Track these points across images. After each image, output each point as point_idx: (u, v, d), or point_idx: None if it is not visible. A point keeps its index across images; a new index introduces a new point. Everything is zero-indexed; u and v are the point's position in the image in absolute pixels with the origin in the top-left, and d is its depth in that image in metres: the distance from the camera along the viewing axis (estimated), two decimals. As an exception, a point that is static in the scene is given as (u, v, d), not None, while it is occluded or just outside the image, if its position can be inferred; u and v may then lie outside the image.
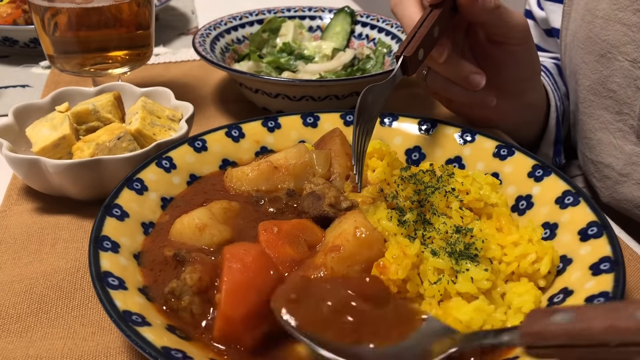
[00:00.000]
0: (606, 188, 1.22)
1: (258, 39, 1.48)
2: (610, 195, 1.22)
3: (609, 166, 1.19)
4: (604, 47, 1.12)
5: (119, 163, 0.93)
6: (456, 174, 0.91)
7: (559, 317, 0.53)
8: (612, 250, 0.74)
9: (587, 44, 1.16)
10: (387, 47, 1.44)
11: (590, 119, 1.21)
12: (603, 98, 1.16)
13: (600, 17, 1.11)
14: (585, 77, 1.19)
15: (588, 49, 1.16)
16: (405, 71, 0.92)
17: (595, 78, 1.16)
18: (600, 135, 1.19)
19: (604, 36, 1.11)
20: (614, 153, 1.17)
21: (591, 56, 1.15)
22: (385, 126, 1.06)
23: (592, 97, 1.18)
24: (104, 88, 1.15)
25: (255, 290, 0.66)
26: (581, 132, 1.26)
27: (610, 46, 1.10)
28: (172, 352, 0.62)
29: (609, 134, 1.17)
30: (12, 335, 0.77)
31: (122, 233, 0.80)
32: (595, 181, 1.25)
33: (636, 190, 1.16)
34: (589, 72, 1.17)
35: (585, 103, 1.21)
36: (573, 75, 1.25)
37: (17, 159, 0.94)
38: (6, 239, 0.93)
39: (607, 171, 1.20)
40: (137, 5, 1.21)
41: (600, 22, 1.11)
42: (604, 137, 1.18)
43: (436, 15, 0.95)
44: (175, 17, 1.98)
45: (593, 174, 1.25)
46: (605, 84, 1.14)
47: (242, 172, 0.94)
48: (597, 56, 1.14)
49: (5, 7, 1.63)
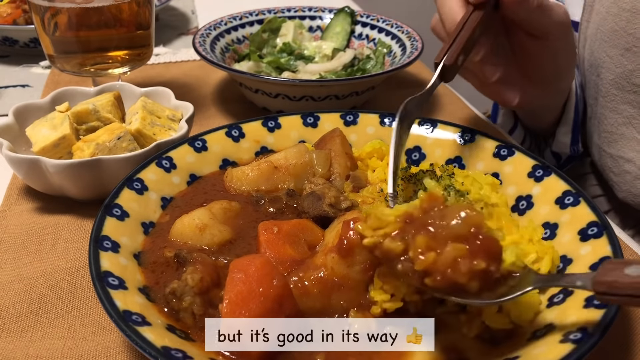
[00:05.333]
0: (624, 183, 1.21)
1: (258, 39, 1.48)
2: (628, 191, 1.21)
3: (630, 161, 1.18)
4: (630, 41, 1.10)
5: (119, 163, 0.93)
6: (456, 174, 0.91)
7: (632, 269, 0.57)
8: (612, 250, 0.74)
9: (612, 37, 1.14)
10: (387, 47, 1.44)
11: (612, 113, 1.20)
12: (627, 92, 1.15)
13: (627, 9, 1.10)
14: (609, 70, 1.17)
15: (613, 42, 1.14)
16: (443, 78, 0.89)
17: (620, 72, 1.15)
18: (624, 130, 1.18)
19: (630, 29, 1.10)
20: (637, 148, 1.16)
21: (616, 50, 1.14)
22: (386, 126, 1.06)
23: (616, 92, 1.17)
24: (104, 88, 1.15)
25: (258, 299, 0.66)
26: (601, 126, 1.24)
27: (636, 40, 1.09)
28: (172, 352, 0.62)
29: (632, 129, 1.16)
30: (12, 335, 0.77)
31: (122, 233, 0.80)
32: (613, 176, 1.24)
33: None
34: (613, 65, 1.16)
35: (608, 97, 1.19)
36: (594, 68, 1.23)
37: (17, 159, 0.94)
38: (6, 239, 0.93)
39: (628, 166, 1.19)
40: (137, 5, 1.21)
41: (627, 15, 1.10)
42: (627, 131, 1.18)
43: (478, 17, 0.90)
44: (175, 17, 1.98)
45: (611, 169, 1.24)
46: (629, 79, 1.13)
47: (242, 172, 0.94)
48: (622, 50, 1.13)
49: (5, 7, 1.63)
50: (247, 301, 0.65)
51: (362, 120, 1.07)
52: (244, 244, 0.83)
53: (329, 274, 0.72)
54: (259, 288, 0.66)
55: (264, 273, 0.68)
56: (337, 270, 0.72)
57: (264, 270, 0.68)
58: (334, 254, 0.73)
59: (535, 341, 0.67)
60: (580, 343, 0.62)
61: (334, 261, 0.73)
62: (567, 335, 0.64)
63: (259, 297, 0.66)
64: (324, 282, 0.72)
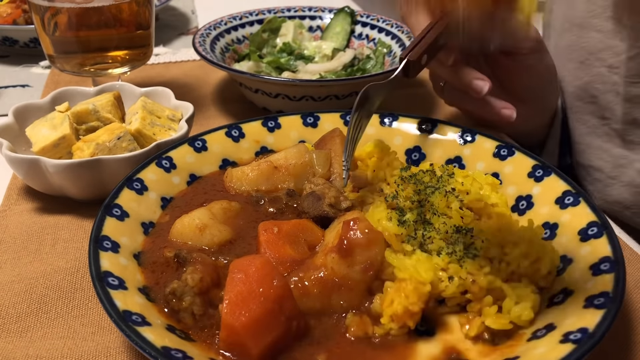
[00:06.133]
0: (597, 191, 1.24)
1: (258, 39, 1.48)
2: (602, 198, 1.23)
3: (599, 169, 1.22)
4: (582, 55, 1.15)
5: (119, 163, 0.93)
6: (456, 174, 0.90)
7: None
8: (612, 250, 0.74)
9: (568, 51, 1.19)
10: (387, 47, 1.44)
11: (578, 124, 1.24)
12: (587, 104, 1.19)
13: (577, 24, 1.14)
14: (569, 84, 1.22)
15: (569, 56, 1.19)
16: (407, 74, 0.94)
17: (578, 84, 1.19)
18: (589, 140, 1.22)
19: (582, 43, 1.14)
20: (603, 156, 1.19)
21: (572, 63, 1.18)
22: (385, 126, 1.06)
23: (578, 103, 1.22)
24: (104, 88, 1.15)
25: (257, 299, 0.66)
26: (572, 138, 1.28)
27: (588, 53, 1.14)
28: (172, 352, 0.62)
29: (596, 138, 1.20)
30: (12, 335, 0.77)
31: (122, 233, 0.80)
32: (587, 184, 1.27)
33: (625, 191, 1.17)
34: (571, 79, 1.21)
35: (573, 109, 1.24)
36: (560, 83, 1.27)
37: (17, 159, 0.94)
38: (6, 239, 0.93)
39: (597, 174, 1.22)
40: (137, 5, 1.21)
41: (577, 29, 1.14)
42: (592, 141, 1.21)
43: (445, 23, 0.96)
44: (175, 17, 1.99)
45: (584, 178, 1.28)
46: (587, 90, 1.17)
47: (242, 172, 0.94)
48: (577, 63, 1.17)
49: (5, 7, 1.63)
50: (247, 301, 0.65)
51: (362, 120, 1.07)
52: (244, 244, 0.83)
53: (329, 274, 0.72)
54: (259, 288, 0.66)
55: (264, 273, 0.67)
56: (337, 270, 0.72)
57: (264, 270, 0.68)
58: (334, 254, 0.73)
59: (535, 341, 0.68)
60: (580, 343, 0.62)
61: (334, 261, 0.73)
62: (567, 335, 0.64)
63: (259, 298, 0.66)
64: (324, 282, 0.72)
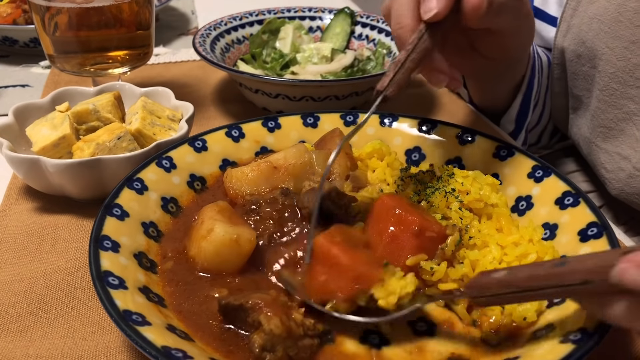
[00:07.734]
0: (617, 180, 1.16)
1: (258, 40, 1.48)
2: (621, 188, 1.16)
3: (626, 158, 1.13)
4: (636, 33, 1.05)
5: (119, 163, 0.93)
6: (456, 174, 0.91)
7: (497, 274, 0.67)
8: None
9: (615, 28, 1.08)
10: (387, 48, 1.44)
11: (611, 108, 1.14)
12: (629, 87, 1.09)
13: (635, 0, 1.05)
14: (609, 63, 1.11)
15: (615, 33, 1.08)
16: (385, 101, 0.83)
17: (622, 65, 1.08)
18: (623, 126, 1.12)
19: (637, 22, 1.05)
20: (635, 145, 1.11)
21: (619, 42, 1.08)
22: (385, 126, 1.06)
23: (616, 86, 1.11)
24: (104, 88, 1.15)
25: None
26: (596, 120, 1.18)
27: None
28: (172, 352, 0.62)
29: (632, 125, 1.11)
30: (12, 334, 0.77)
31: (122, 233, 0.80)
32: (605, 172, 1.19)
33: None
34: (614, 58, 1.10)
35: (607, 91, 1.13)
36: (587, 60, 1.17)
37: (17, 159, 0.94)
38: (6, 239, 0.93)
39: (623, 163, 1.14)
40: (137, 5, 1.21)
41: (635, 5, 1.04)
42: (627, 128, 1.12)
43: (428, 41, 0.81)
44: (175, 17, 1.99)
45: (603, 165, 1.19)
46: (633, 73, 1.07)
47: (242, 172, 0.94)
48: (626, 42, 1.07)
49: (5, 7, 1.63)
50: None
51: (362, 121, 1.07)
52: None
53: None
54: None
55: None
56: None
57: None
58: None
59: (535, 341, 0.68)
60: (580, 343, 0.62)
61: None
62: (567, 336, 0.64)
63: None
64: None
